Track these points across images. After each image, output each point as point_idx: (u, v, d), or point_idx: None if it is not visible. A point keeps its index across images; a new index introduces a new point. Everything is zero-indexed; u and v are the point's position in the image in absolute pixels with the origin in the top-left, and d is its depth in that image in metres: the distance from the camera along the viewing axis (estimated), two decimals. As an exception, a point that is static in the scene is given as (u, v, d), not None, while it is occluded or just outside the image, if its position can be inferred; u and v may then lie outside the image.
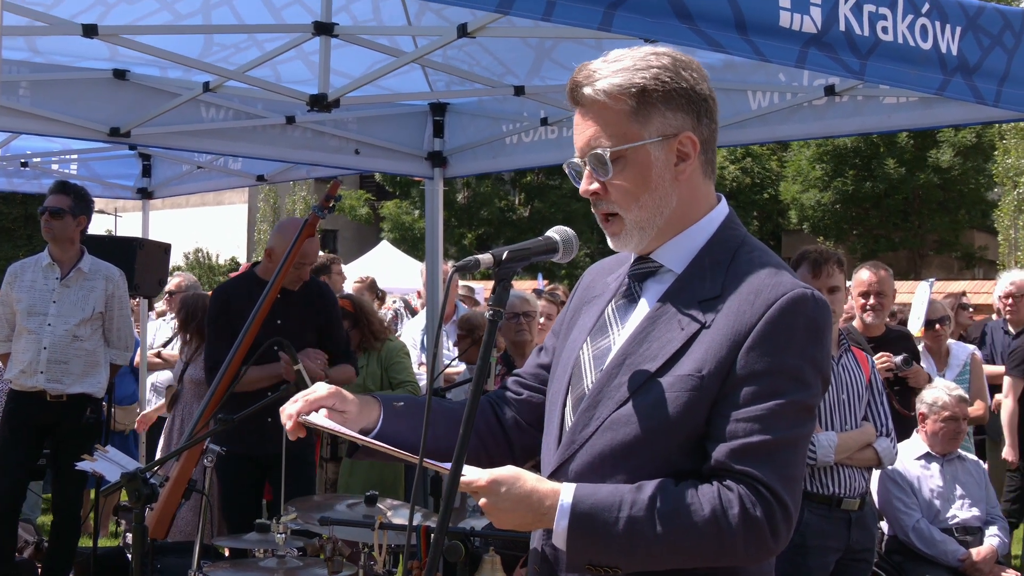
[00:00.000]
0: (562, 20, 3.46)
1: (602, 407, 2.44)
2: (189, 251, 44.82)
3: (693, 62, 2.51)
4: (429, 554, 2.39)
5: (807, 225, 41.04)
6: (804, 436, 2.37)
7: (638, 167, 2.45)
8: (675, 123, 2.46)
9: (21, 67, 6.64)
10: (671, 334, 2.41)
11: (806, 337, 2.35)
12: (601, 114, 2.45)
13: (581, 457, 2.45)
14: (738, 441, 2.30)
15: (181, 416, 8.67)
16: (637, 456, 2.38)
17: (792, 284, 2.38)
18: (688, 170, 2.49)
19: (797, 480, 2.35)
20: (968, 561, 6.26)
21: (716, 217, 2.54)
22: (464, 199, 40.80)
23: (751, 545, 2.28)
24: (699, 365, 2.35)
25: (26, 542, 7.99)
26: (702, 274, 2.46)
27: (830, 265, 5.50)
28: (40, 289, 7.31)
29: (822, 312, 2.39)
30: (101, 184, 10.04)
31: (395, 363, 8.09)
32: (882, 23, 3.99)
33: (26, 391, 7.27)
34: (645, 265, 2.56)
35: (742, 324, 2.34)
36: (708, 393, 2.34)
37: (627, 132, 2.44)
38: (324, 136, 7.82)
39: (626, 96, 2.42)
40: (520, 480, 2.33)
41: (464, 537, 4.10)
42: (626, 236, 2.50)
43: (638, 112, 2.43)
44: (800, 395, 2.33)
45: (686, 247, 2.51)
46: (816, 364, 2.37)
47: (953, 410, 6.51)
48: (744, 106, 6.62)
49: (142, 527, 4.16)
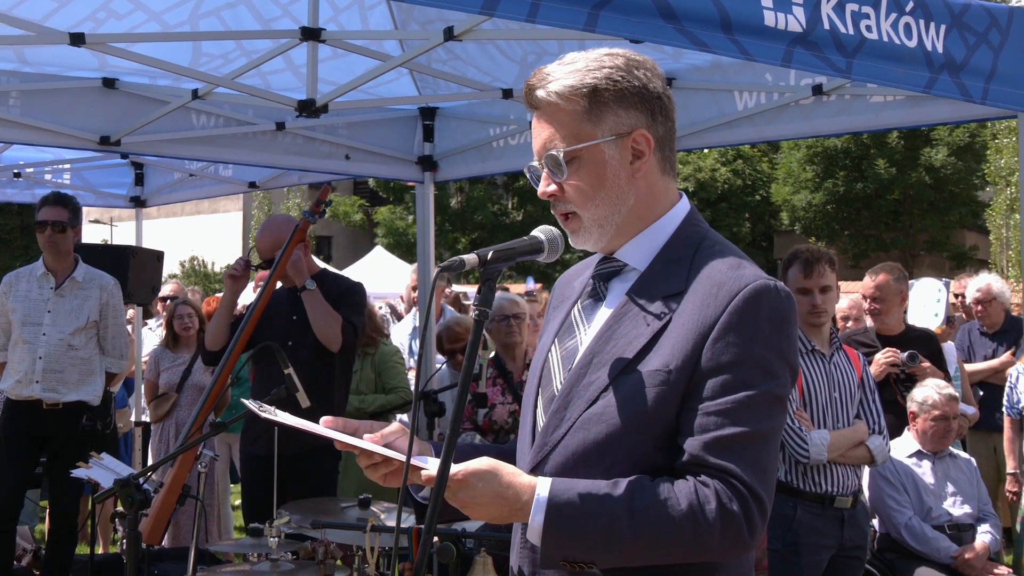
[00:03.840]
0: (547, 21, 3.47)
1: (573, 407, 2.44)
2: (185, 259, 44.81)
3: (648, 61, 2.52)
4: (417, 556, 2.38)
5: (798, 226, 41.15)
6: (776, 428, 2.37)
7: (593, 166, 2.46)
8: (628, 121, 2.47)
9: (11, 77, 6.66)
10: (637, 330, 2.41)
11: (771, 327, 2.35)
12: (555, 115, 2.47)
13: (555, 458, 2.44)
14: (710, 434, 2.30)
15: (176, 423, 8.70)
16: (611, 454, 2.38)
17: (755, 275, 2.38)
18: (644, 167, 2.49)
19: (771, 472, 2.35)
20: (960, 558, 6.26)
21: (677, 214, 2.55)
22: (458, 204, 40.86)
23: (727, 540, 2.28)
24: (666, 360, 2.35)
25: (24, 550, 7.98)
26: (665, 270, 2.47)
27: (821, 265, 5.51)
28: (35, 299, 7.33)
29: (786, 303, 2.39)
30: (94, 193, 10.08)
31: (388, 368, 8.12)
32: (865, 22, 3.99)
33: (22, 400, 7.27)
34: (609, 265, 2.57)
35: (706, 317, 2.35)
36: (677, 388, 2.34)
37: (580, 132, 2.45)
38: (314, 142, 7.84)
39: (578, 96, 2.44)
40: (497, 474, 2.33)
41: (456, 538, 4.11)
42: (585, 233, 2.51)
43: (590, 112, 2.44)
44: (769, 386, 2.33)
45: (648, 245, 2.51)
46: (783, 354, 2.37)
47: (943, 409, 6.51)
48: (731, 107, 6.62)
49: (136, 533, 4.18)
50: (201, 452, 5.49)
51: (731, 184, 42.95)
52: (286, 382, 5.04)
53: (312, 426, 2.49)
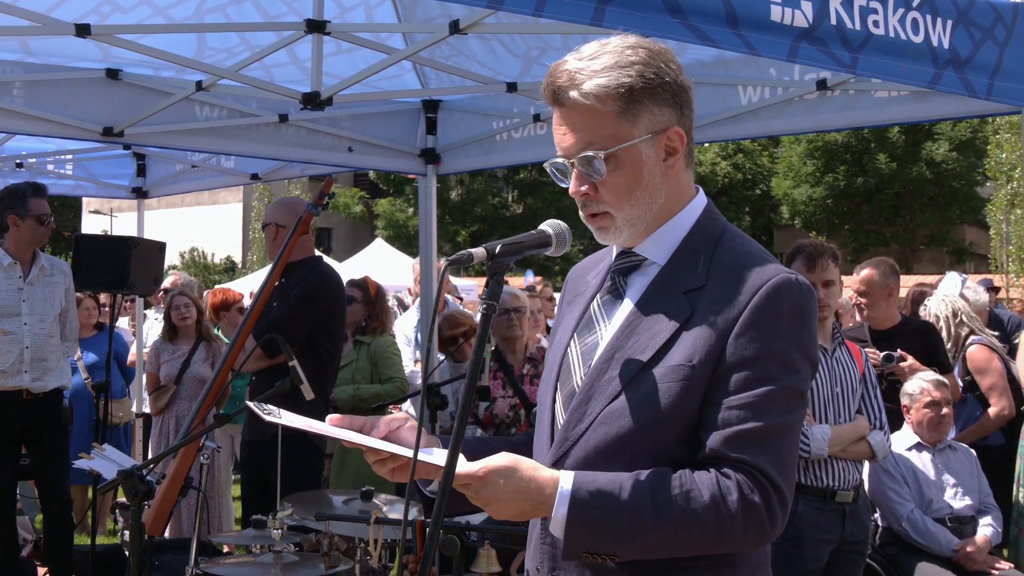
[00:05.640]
0: (553, 15, 3.47)
1: (595, 402, 2.44)
2: (185, 250, 44.80)
3: (667, 51, 2.48)
4: (424, 548, 2.37)
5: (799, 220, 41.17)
6: (796, 421, 2.38)
7: (629, 166, 2.43)
8: (662, 119, 2.44)
9: (15, 67, 6.66)
10: (659, 326, 2.41)
11: (792, 322, 2.36)
12: (588, 116, 2.42)
13: (576, 453, 2.44)
14: (732, 428, 2.31)
15: (176, 415, 8.71)
16: (632, 449, 2.37)
17: (776, 270, 2.39)
18: (676, 164, 2.49)
19: (791, 466, 2.36)
20: (962, 551, 6.27)
21: (696, 207, 2.54)
22: (458, 196, 40.86)
23: (750, 531, 2.29)
24: (689, 355, 2.35)
25: (24, 540, 8.00)
26: (686, 264, 2.46)
27: (825, 259, 5.51)
28: (5, 289, 7.31)
29: (807, 297, 2.39)
30: (96, 184, 10.10)
31: (384, 358, 8.12)
32: (873, 17, 3.99)
33: (5, 391, 7.25)
34: (628, 259, 2.55)
35: (729, 312, 2.35)
36: (700, 382, 2.34)
37: (617, 133, 2.41)
38: (317, 134, 7.83)
39: (613, 97, 2.39)
40: (517, 469, 2.32)
41: (460, 531, 4.12)
42: (616, 231, 2.49)
43: (627, 112, 2.41)
44: (790, 380, 2.34)
45: (669, 239, 2.50)
46: (803, 349, 2.37)
47: (933, 394, 6.52)
48: (735, 101, 6.62)
49: (139, 524, 4.17)
50: (204, 444, 5.50)
51: (731, 178, 42.98)
52: (290, 375, 5.04)
53: (318, 425, 2.47)
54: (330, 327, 6.62)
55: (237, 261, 46.30)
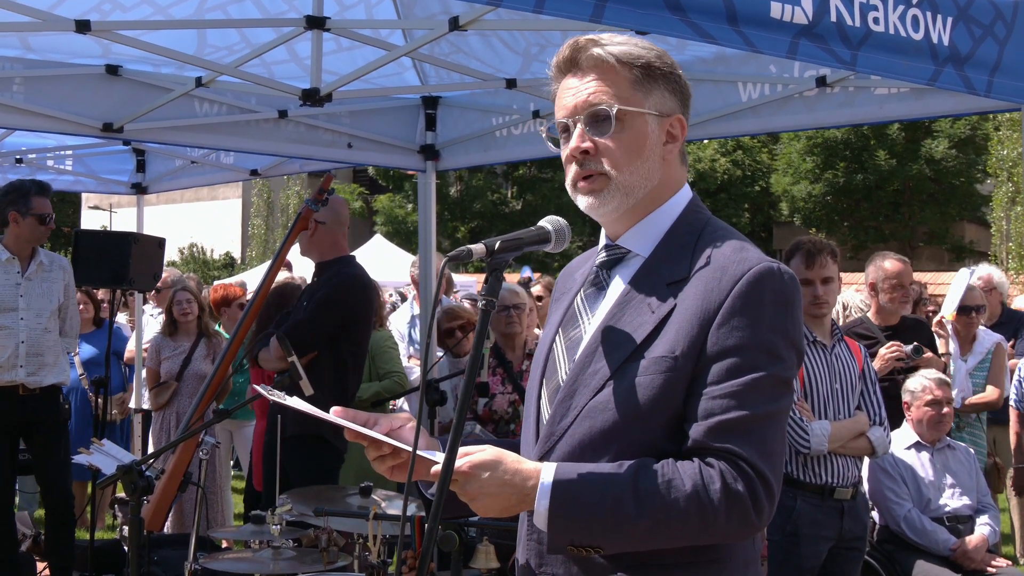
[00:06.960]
0: (554, 12, 3.47)
1: (579, 396, 2.44)
2: (184, 246, 44.79)
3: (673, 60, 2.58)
4: (423, 544, 2.37)
5: (798, 217, 41.15)
6: (782, 410, 2.37)
7: (635, 132, 2.47)
8: (670, 104, 2.51)
9: (15, 64, 6.66)
10: (642, 318, 2.41)
11: (775, 310, 2.36)
12: (608, 74, 2.48)
13: (561, 448, 2.44)
14: (715, 418, 2.30)
15: (177, 411, 8.71)
16: (618, 442, 2.37)
17: (758, 259, 2.39)
18: (674, 152, 2.53)
19: (778, 455, 2.35)
20: (959, 550, 6.28)
21: (681, 200, 2.57)
22: (457, 192, 40.84)
23: (733, 520, 2.28)
24: (672, 346, 2.35)
25: (24, 535, 8.00)
26: (669, 256, 2.47)
27: (824, 256, 5.52)
28: (2, 284, 7.32)
29: (790, 285, 2.39)
30: (96, 179, 10.10)
31: (382, 353, 8.09)
32: (873, 14, 3.99)
33: (1, 386, 7.24)
34: (613, 253, 2.57)
35: (711, 302, 2.35)
36: (683, 373, 2.34)
37: (631, 97, 2.47)
38: (317, 130, 7.83)
39: (633, 64, 2.47)
40: (501, 462, 2.32)
41: (458, 527, 4.12)
42: (608, 195, 2.48)
43: (643, 83, 2.48)
44: (774, 368, 2.34)
45: (653, 230, 2.52)
46: (788, 336, 2.37)
47: (934, 393, 6.53)
48: (735, 98, 6.61)
49: (138, 519, 4.18)
50: (203, 439, 5.51)
51: (731, 174, 42.93)
52: (290, 370, 5.05)
53: (321, 413, 2.48)
54: (352, 330, 6.52)
55: (236, 257, 46.33)
